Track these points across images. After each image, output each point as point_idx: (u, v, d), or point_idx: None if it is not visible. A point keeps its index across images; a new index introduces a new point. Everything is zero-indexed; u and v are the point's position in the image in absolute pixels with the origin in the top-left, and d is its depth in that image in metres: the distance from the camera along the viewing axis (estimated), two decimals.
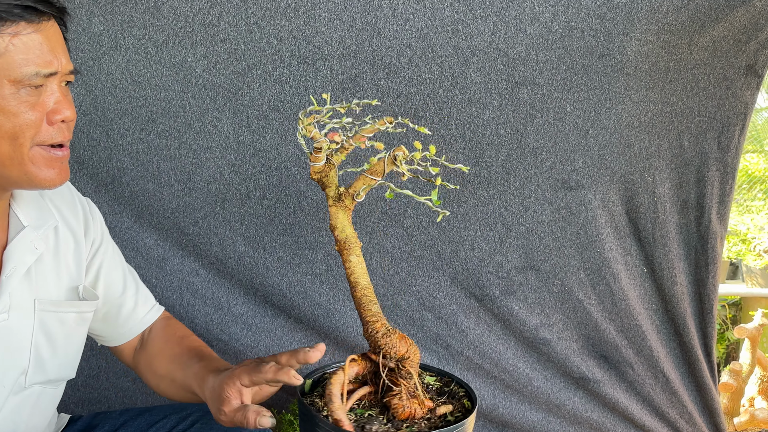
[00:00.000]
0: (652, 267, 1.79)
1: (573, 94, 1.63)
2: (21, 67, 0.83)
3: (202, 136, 1.55)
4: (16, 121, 0.84)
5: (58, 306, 1.02)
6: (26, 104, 0.85)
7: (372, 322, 0.93)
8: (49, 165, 0.89)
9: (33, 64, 0.84)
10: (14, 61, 0.83)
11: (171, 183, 1.57)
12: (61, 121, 0.89)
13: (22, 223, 0.98)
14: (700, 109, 1.70)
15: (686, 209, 1.77)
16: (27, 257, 0.97)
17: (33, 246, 0.98)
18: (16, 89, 0.84)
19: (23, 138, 0.86)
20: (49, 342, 1.01)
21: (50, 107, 0.88)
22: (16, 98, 0.84)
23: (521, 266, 1.74)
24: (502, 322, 1.77)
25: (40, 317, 0.99)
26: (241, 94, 1.53)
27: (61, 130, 0.90)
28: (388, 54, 1.55)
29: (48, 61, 0.86)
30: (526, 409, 1.81)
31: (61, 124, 0.90)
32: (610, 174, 1.70)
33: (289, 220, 1.64)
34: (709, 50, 1.67)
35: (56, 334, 1.02)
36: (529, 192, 1.70)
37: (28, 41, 0.84)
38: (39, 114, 0.87)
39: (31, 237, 0.98)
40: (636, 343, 1.81)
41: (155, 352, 1.17)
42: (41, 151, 0.88)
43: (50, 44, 0.87)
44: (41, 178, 0.89)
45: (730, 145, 1.73)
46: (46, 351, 1.01)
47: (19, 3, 0.83)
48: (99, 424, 1.21)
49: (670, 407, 1.88)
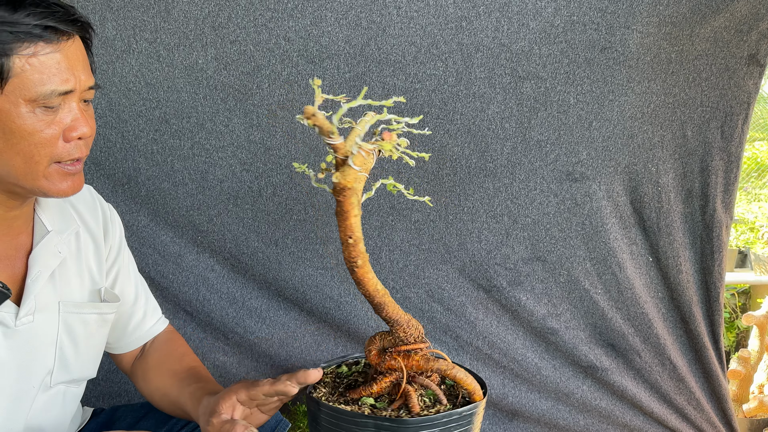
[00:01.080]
0: (658, 256, 1.81)
1: (576, 87, 1.66)
2: (37, 87, 0.82)
3: (214, 135, 1.59)
4: (31, 140, 0.84)
5: (81, 308, 1.04)
6: (42, 123, 0.84)
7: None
8: (62, 179, 0.90)
9: (49, 83, 0.82)
10: (30, 80, 0.81)
11: (185, 182, 1.61)
12: (78, 138, 0.88)
13: (47, 228, 1.00)
14: (703, 99, 1.72)
15: (691, 198, 1.79)
16: (51, 261, 0.99)
17: (57, 250, 1.00)
18: (31, 108, 0.83)
19: (39, 156, 0.85)
20: (73, 343, 1.04)
21: (67, 124, 0.87)
22: (32, 117, 0.83)
23: (528, 257, 1.77)
24: (510, 312, 1.80)
25: (65, 318, 1.02)
26: (251, 94, 1.57)
27: (78, 146, 0.89)
28: (393, 52, 1.58)
29: (65, 80, 0.84)
30: (536, 398, 1.84)
31: (79, 141, 0.89)
32: (614, 165, 1.73)
33: (300, 216, 1.68)
34: (710, 41, 1.68)
35: (79, 335, 1.05)
36: (535, 184, 1.72)
37: (45, 60, 0.82)
38: (55, 131, 0.86)
39: (55, 241, 1.00)
40: (643, 332, 1.83)
41: (154, 364, 1.19)
42: (57, 168, 0.88)
43: (69, 62, 0.85)
44: (54, 191, 0.90)
45: (733, 135, 1.75)
46: (70, 351, 1.04)
47: (40, 23, 0.81)
48: (121, 416, 1.25)
49: (677, 394, 1.90)
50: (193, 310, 1.67)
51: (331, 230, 1.70)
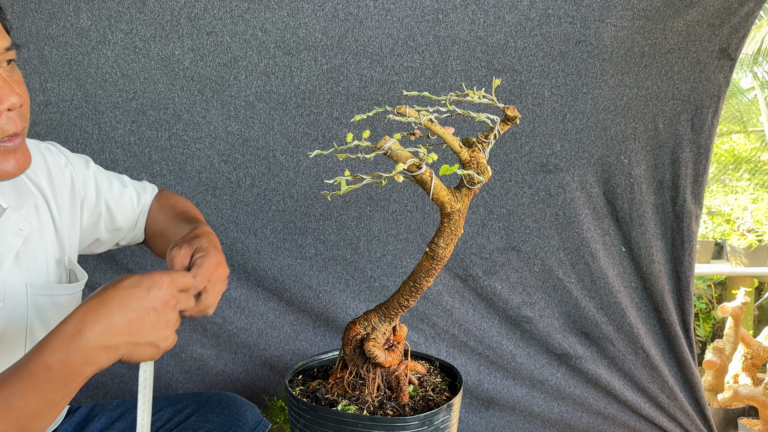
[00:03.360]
0: (630, 246, 1.84)
1: (551, 80, 1.68)
2: None
3: (191, 127, 1.59)
4: None
5: (51, 290, 1.00)
6: None
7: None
8: (3, 159, 0.81)
9: None
10: None
11: (163, 173, 1.61)
12: (7, 110, 0.78)
13: (2, 206, 0.93)
14: (675, 92, 1.75)
15: (662, 190, 1.82)
16: (13, 241, 0.93)
17: (17, 228, 0.94)
18: None
19: None
20: (44, 325, 1.00)
21: None
22: None
23: (503, 247, 1.79)
24: (485, 301, 1.82)
25: (34, 301, 0.97)
26: (228, 86, 1.58)
27: (10, 119, 0.79)
28: (370, 44, 1.60)
29: None
30: (510, 385, 1.87)
31: (10, 113, 0.79)
32: (587, 157, 1.75)
33: (278, 206, 1.69)
34: (683, 34, 1.71)
35: (51, 317, 1.00)
36: (510, 175, 1.75)
37: None
38: None
39: (13, 219, 0.93)
40: (616, 320, 1.87)
41: (151, 218, 1.20)
42: None
43: None
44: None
45: (703, 127, 1.78)
46: (41, 334, 0.97)
47: None
48: (96, 415, 1.23)
49: (650, 382, 1.94)
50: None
51: (310, 221, 1.72)
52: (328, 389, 1.01)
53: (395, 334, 1.03)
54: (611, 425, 1.95)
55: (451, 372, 1.11)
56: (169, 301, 0.79)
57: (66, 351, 0.72)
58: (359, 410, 0.95)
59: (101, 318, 0.74)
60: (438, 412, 0.93)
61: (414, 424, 0.90)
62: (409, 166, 0.85)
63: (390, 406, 0.96)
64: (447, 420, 0.95)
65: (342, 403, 0.97)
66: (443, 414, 0.94)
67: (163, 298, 0.79)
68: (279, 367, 1.76)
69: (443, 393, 1.03)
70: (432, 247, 0.92)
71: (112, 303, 0.75)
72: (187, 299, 0.83)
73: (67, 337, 0.73)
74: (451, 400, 0.97)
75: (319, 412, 0.93)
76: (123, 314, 0.75)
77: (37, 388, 0.71)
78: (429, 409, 0.96)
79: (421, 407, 0.98)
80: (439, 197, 0.89)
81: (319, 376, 1.10)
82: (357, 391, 0.99)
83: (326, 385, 1.02)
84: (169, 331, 0.79)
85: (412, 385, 1.04)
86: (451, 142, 0.88)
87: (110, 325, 0.74)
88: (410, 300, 0.97)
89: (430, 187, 0.87)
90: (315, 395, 1.00)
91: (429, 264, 0.93)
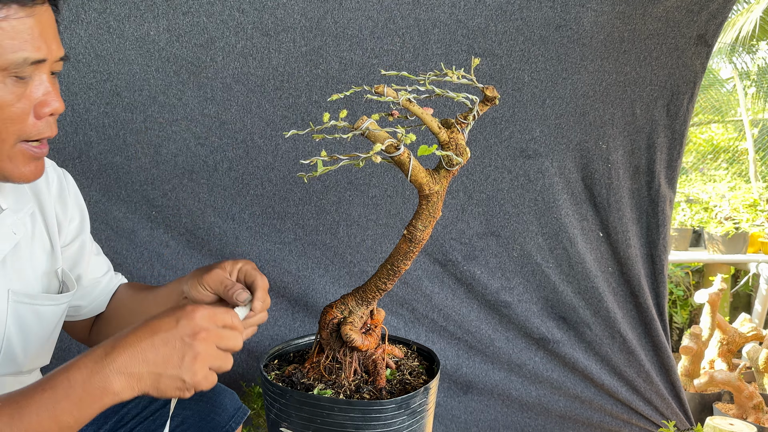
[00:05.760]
0: (608, 231, 1.86)
1: (531, 65, 1.68)
2: (8, 54, 0.76)
3: (167, 109, 1.56)
4: (2, 114, 0.78)
5: (34, 299, 0.97)
6: (13, 96, 0.79)
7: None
8: (26, 162, 0.84)
9: (21, 51, 0.77)
10: (1, 46, 0.76)
11: (138, 156, 1.58)
12: (49, 114, 0.83)
13: (1, 207, 0.92)
14: (652, 78, 1.76)
15: (638, 175, 1.83)
16: (3, 245, 0.91)
17: (11, 231, 0.93)
18: (2, 78, 0.77)
19: (6, 133, 0.80)
20: (22, 334, 0.96)
21: (38, 99, 0.81)
22: (2, 89, 0.78)
23: (482, 232, 1.80)
24: (465, 286, 1.83)
25: (14, 308, 0.94)
26: (205, 67, 1.55)
27: (48, 124, 0.83)
28: (350, 26, 1.58)
29: (37, 47, 0.79)
30: (489, 369, 1.88)
31: (49, 118, 0.83)
32: (566, 142, 1.76)
33: (257, 191, 1.67)
34: (662, 20, 1.72)
35: (30, 326, 0.97)
36: (489, 161, 1.75)
37: (17, 25, 0.77)
38: (26, 106, 0.80)
39: (9, 222, 0.93)
40: (593, 305, 1.89)
41: (116, 305, 1.15)
42: (23, 148, 0.82)
43: (41, 29, 0.80)
44: (16, 174, 0.84)
45: (678, 113, 1.79)
46: (18, 343, 0.96)
47: None
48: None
49: (627, 366, 1.96)
50: None
51: (288, 205, 1.70)
52: (304, 373, 1.00)
53: (372, 318, 1.02)
54: (588, 409, 1.97)
55: (428, 356, 1.11)
56: (200, 334, 0.77)
57: (90, 371, 0.73)
58: (335, 394, 0.95)
59: (130, 344, 0.75)
60: (415, 395, 0.92)
61: (391, 408, 0.90)
62: (386, 147, 0.84)
63: (367, 389, 0.96)
64: (424, 403, 0.95)
65: (318, 387, 0.96)
66: (420, 397, 0.93)
67: (194, 328, 0.77)
68: (256, 352, 1.75)
69: (420, 376, 1.03)
70: (410, 230, 0.92)
71: (141, 331, 0.76)
72: (231, 338, 0.80)
73: (94, 358, 0.74)
74: (428, 383, 0.97)
75: (294, 396, 0.92)
76: (149, 342, 0.75)
77: (54, 405, 0.71)
78: (406, 392, 0.96)
79: (398, 391, 0.97)
80: (417, 179, 0.88)
81: (295, 361, 1.10)
82: (333, 375, 0.98)
83: (302, 369, 1.01)
84: (197, 365, 0.77)
85: (389, 368, 1.04)
86: (429, 123, 0.87)
87: (135, 353, 0.75)
88: (387, 283, 0.96)
89: (408, 168, 0.87)
90: (291, 380, 0.99)
91: (407, 247, 0.93)
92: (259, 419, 1.86)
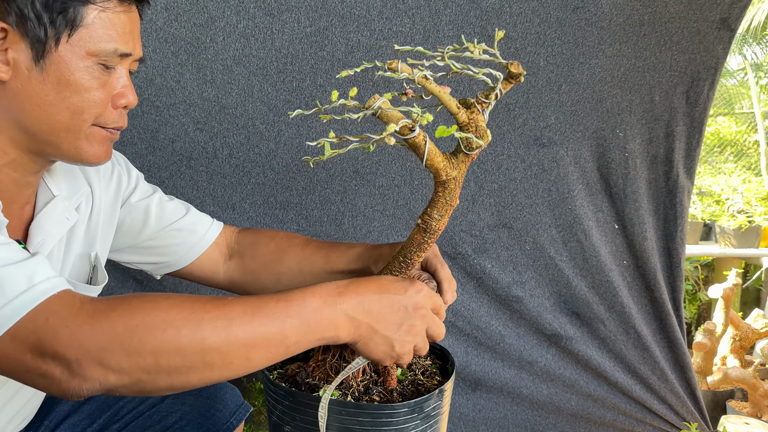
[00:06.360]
0: (623, 223, 1.79)
1: (546, 48, 1.60)
2: (102, 42, 0.83)
3: (164, 92, 1.49)
4: (85, 95, 0.84)
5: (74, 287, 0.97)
6: (97, 81, 0.84)
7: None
8: (101, 143, 0.88)
9: (113, 41, 0.84)
10: (97, 34, 0.82)
11: (134, 141, 1.52)
12: (124, 106, 0.89)
13: (52, 193, 0.95)
14: (672, 63, 1.69)
15: (655, 164, 1.77)
16: (56, 230, 0.93)
17: (64, 217, 0.95)
18: (91, 63, 0.83)
19: (87, 114, 0.85)
20: None
21: (117, 90, 0.87)
22: (89, 72, 0.83)
23: (494, 224, 1.73)
24: (474, 280, 1.76)
25: None
26: (205, 48, 1.48)
27: (122, 115, 0.90)
28: (357, 6, 1.50)
29: (126, 41, 0.86)
30: (499, 367, 1.82)
31: (123, 111, 0.90)
32: (582, 130, 1.69)
33: (258, 179, 1.61)
34: (683, 3, 1.64)
35: None
36: (502, 149, 1.68)
37: (114, 18, 0.84)
38: (106, 95, 0.86)
39: (61, 208, 0.94)
40: (607, 300, 1.82)
41: (265, 250, 1.13)
42: (99, 130, 0.88)
43: (132, 26, 0.87)
44: (90, 153, 0.88)
45: (698, 100, 1.72)
46: None
47: None
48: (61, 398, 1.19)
49: (642, 363, 1.90)
50: (144, 278, 1.59)
51: (291, 194, 1.63)
52: (308, 373, 0.93)
53: None
54: (601, 408, 1.91)
55: (441, 354, 1.04)
56: (421, 309, 0.83)
57: (324, 301, 0.77)
58: (343, 396, 0.88)
59: (359, 292, 0.80)
60: (429, 398, 0.85)
61: (403, 412, 0.83)
62: (401, 128, 0.76)
63: (376, 391, 0.89)
64: (439, 406, 0.88)
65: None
66: (434, 400, 0.86)
67: (418, 302, 0.83)
68: None
69: (434, 377, 0.96)
70: (425, 219, 0.84)
71: (371, 284, 0.82)
72: (439, 326, 0.86)
73: (327, 290, 0.78)
74: (443, 384, 0.90)
75: (298, 398, 0.85)
76: (377, 297, 0.81)
77: (284, 318, 0.74)
78: (419, 394, 0.89)
79: (410, 393, 0.90)
80: (433, 163, 0.81)
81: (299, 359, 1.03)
82: None
83: (306, 368, 0.94)
84: (410, 337, 0.82)
85: (400, 368, 0.97)
86: (447, 102, 0.79)
87: (363, 301, 0.79)
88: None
89: (424, 152, 0.79)
90: (294, 379, 0.92)
91: (421, 237, 0.86)
92: (260, 416, 1.80)
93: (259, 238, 1.15)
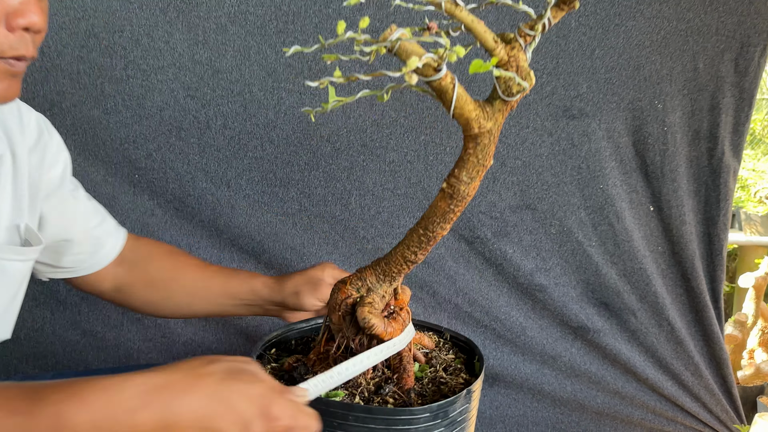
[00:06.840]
0: (660, 205, 1.65)
1: (579, 8, 1.45)
2: None
3: (151, 54, 1.35)
4: None
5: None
6: None
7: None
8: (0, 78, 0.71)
9: None
10: None
11: (118, 109, 1.38)
12: (24, 28, 0.70)
13: None
14: (719, 26, 1.54)
15: (698, 140, 1.62)
16: None
17: None
18: None
19: None
20: None
21: (13, 7, 0.69)
22: None
23: (516, 205, 1.59)
24: (494, 266, 1.63)
25: None
26: (196, 5, 1.33)
27: (24, 41, 0.71)
28: None
29: None
30: (519, 361, 1.69)
31: (25, 34, 0.71)
32: (616, 101, 1.55)
33: (256, 153, 1.47)
34: None
35: None
36: (527, 121, 1.53)
37: None
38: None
39: None
40: (640, 289, 1.69)
41: (159, 267, 1.10)
42: None
43: None
44: None
45: (748, 68, 1.58)
46: None
47: None
48: None
49: (674, 358, 1.77)
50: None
51: (293, 171, 1.49)
52: (308, 368, 0.78)
53: (396, 298, 0.80)
54: (629, 405, 1.78)
55: (466, 347, 0.89)
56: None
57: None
58: (350, 397, 0.73)
59: None
60: (455, 401, 0.70)
61: (424, 417, 0.67)
62: (424, 66, 0.61)
63: (390, 391, 0.74)
64: (466, 410, 0.73)
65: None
66: (461, 403, 0.71)
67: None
68: (255, 336, 1.57)
69: (459, 374, 0.81)
70: (451, 182, 0.69)
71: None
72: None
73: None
74: (470, 384, 0.74)
75: None
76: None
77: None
78: (442, 395, 0.74)
79: (431, 393, 0.75)
80: (463, 112, 0.65)
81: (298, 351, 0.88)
82: None
83: (306, 362, 0.79)
84: None
85: (418, 363, 0.82)
86: (482, 35, 0.64)
87: None
88: (418, 254, 0.74)
89: (452, 98, 0.64)
90: (291, 375, 0.77)
91: (446, 205, 0.70)
92: None
93: (154, 252, 1.12)
